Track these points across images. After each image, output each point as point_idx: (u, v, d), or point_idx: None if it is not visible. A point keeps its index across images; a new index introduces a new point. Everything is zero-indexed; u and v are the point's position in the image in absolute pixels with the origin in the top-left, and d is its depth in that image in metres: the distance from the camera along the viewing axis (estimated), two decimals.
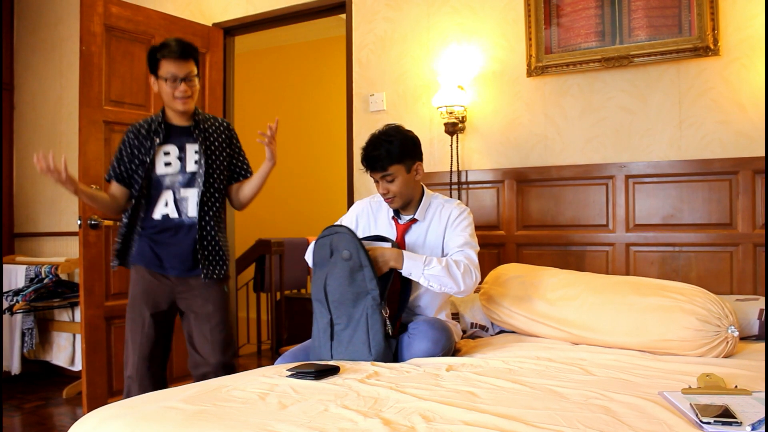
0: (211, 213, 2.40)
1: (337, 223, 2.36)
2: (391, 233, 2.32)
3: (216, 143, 2.44)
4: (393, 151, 2.20)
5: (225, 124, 2.54)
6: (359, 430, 1.28)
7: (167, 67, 2.33)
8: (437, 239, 2.27)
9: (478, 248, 2.25)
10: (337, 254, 2.06)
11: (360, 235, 2.33)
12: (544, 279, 2.48)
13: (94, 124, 3.12)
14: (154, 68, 2.36)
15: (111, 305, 3.14)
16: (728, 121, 2.62)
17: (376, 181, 2.27)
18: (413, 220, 2.30)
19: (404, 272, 2.09)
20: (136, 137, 2.39)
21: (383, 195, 2.26)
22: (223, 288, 2.43)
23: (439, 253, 2.26)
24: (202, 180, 2.36)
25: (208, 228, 2.39)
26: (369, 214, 2.39)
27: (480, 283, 2.68)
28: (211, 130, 2.46)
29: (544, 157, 2.97)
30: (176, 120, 2.42)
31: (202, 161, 2.38)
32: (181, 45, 2.34)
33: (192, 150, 2.40)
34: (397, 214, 2.33)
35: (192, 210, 2.37)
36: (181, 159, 2.38)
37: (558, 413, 1.37)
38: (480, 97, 3.11)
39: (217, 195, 2.43)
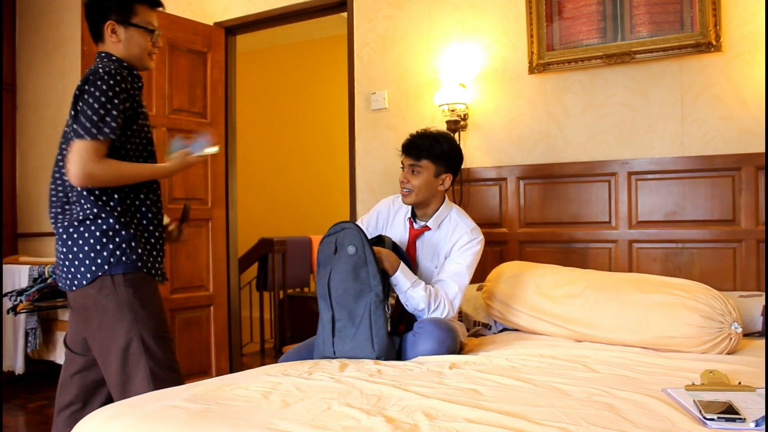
0: None
1: (358, 220, 2.43)
2: (404, 235, 2.35)
3: None
4: (436, 148, 2.27)
5: None
6: (362, 428, 1.28)
7: (145, 15, 1.97)
8: (442, 256, 2.30)
9: (468, 282, 2.26)
10: (342, 250, 2.08)
11: (373, 231, 2.38)
12: (546, 276, 2.48)
13: None
14: (124, 11, 1.93)
15: None
16: (731, 117, 2.61)
17: (402, 168, 2.32)
18: (426, 228, 2.32)
19: (392, 280, 2.13)
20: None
21: (402, 184, 2.30)
22: None
23: (440, 265, 2.29)
24: None
25: None
26: (389, 212, 2.43)
27: (482, 282, 2.68)
28: None
29: (546, 155, 2.96)
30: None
31: None
32: None
33: None
34: (413, 218, 2.36)
35: None
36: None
37: (561, 410, 1.37)
38: (482, 95, 3.11)
39: None
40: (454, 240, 2.28)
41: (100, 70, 1.83)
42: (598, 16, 2.83)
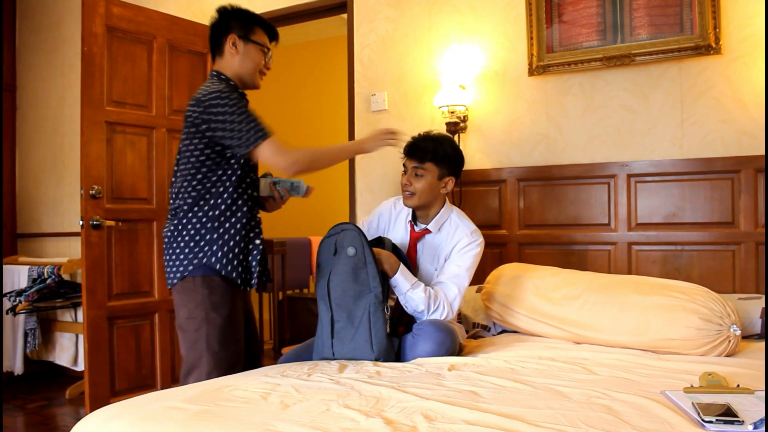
0: None
1: (359, 222, 2.42)
2: (405, 238, 2.34)
3: None
4: (440, 151, 2.27)
5: None
6: (361, 430, 1.28)
7: (262, 37, 2.21)
8: (443, 258, 2.30)
9: (467, 284, 2.25)
10: (341, 251, 2.07)
11: (374, 233, 2.37)
12: (545, 278, 2.48)
13: (96, 125, 3.12)
14: (245, 28, 2.15)
15: (113, 305, 3.14)
16: (730, 120, 2.61)
17: (404, 172, 2.31)
18: (427, 230, 2.32)
19: (391, 282, 2.13)
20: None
21: (404, 187, 2.29)
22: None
23: (440, 268, 2.29)
24: None
25: None
26: (390, 215, 2.42)
27: (482, 284, 2.68)
28: None
29: (545, 157, 2.97)
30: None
31: None
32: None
33: None
34: (414, 220, 2.36)
35: None
36: None
37: (560, 412, 1.37)
38: (481, 97, 3.11)
39: None
40: (455, 242, 2.28)
41: (215, 92, 1.96)
42: (597, 19, 2.83)
